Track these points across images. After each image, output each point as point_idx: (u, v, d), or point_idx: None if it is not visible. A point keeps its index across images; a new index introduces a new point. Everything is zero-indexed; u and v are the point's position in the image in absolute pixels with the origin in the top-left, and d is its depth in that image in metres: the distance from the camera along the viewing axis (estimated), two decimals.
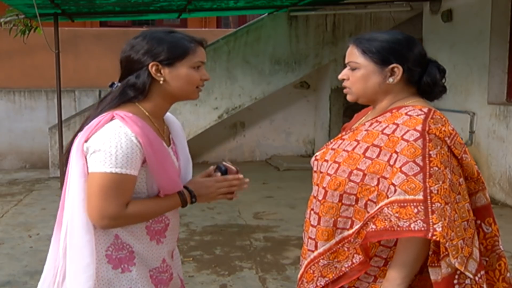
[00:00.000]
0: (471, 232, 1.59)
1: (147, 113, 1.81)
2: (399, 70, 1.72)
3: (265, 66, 8.78)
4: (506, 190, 6.40)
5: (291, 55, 8.82)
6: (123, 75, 1.83)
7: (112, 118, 1.72)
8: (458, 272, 1.56)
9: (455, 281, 1.58)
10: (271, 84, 8.87)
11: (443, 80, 1.79)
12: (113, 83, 1.86)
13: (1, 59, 9.21)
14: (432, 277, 1.60)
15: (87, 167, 1.71)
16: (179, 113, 8.56)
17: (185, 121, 8.62)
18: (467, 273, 1.55)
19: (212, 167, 2.04)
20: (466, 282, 1.58)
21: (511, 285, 1.74)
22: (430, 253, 1.60)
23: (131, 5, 7.25)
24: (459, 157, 1.66)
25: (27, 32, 7.84)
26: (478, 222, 1.71)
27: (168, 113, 2.03)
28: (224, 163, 2.05)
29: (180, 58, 1.79)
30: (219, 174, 1.99)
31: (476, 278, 1.57)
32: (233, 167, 2.02)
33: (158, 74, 1.78)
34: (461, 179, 1.65)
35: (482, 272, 1.61)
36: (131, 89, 1.79)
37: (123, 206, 1.71)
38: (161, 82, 1.79)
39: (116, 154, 1.67)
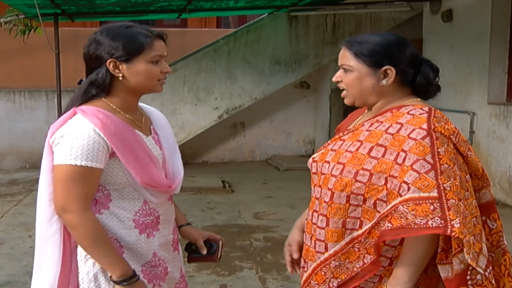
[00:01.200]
0: (479, 228, 1.61)
1: (114, 107, 1.82)
2: (392, 72, 1.74)
3: (265, 66, 8.78)
4: (506, 190, 6.40)
5: (291, 55, 8.81)
6: (87, 71, 1.84)
7: (74, 114, 1.76)
8: (470, 268, 1.57)
9: (468, 277, 1.59)
10: (271, 84, 8.87)
11: (437, 79, 1.80)
12: (81, 80, 1.87)
13: (1, 59, 9.21)
14: (442, 274, 1.61)
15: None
16: (179, 113, 8.57)
17: (185, 121, 8.63)
18: (478, 269, 1.56)
19: (205, 235, 2.09)
20: (478, 277, 1.59)
21: None
22: (439, 250, 1.61)
23: (131, 5, 7.25)
24: (464, 155, 1.68)
25: (27, 32, 7.85)
26: (484, 218, 1.72)
27: (149, 106, 2.05)
28: (220, 241, 2.10)
29: (137, 53, 1.78)
30: (204, 251, 2.05)
31: (486, 274, 1.58)
32: (218, 255, 2.07)
33: (116, 71, 1.78)
34: (468, 176, 1.66)
35: (491, 268, 1.62)
36: (92, 86, 1.80)
37: (82, 201, 1.71)
38: (120, 78, 1.79)
39: (72, 146, 1.69)
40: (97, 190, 1.79)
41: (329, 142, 1.91)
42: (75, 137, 1.70)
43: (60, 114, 6.98)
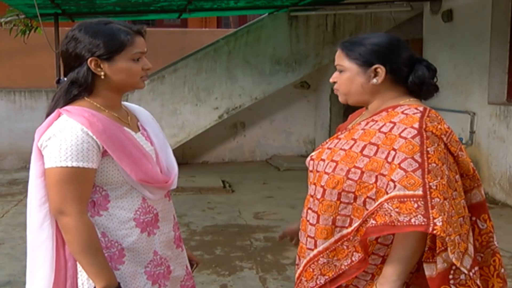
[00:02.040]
0: (466, 228, 1.62)
1: (98, 105, 1.78)
2: (382, 70, 1.76)
3: (265, 66, 8.78)
4: (507, 190, 6.40)
5: (292, 55, 8.81)
6: (65, 69, 1.81)
7: (59, 115, 1.72)
8: (454, 267, 1.58)
9: (450, 276, 1.60)
10: (272, 84, 8.86)
11: (435, 79, 1.81)
12: (59, 79, 1.83)
13: (2, 59, 9.22)
14: (427, 273, 1.62)
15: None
16: (179, 113, 8.57)
17: (185, 121, 8.63)
18: (462, 269, 1.56)
19: None
20: (461, 277, 1.60)
21: (505, 281, 1.76)
22: (426, 249, 1.62)
23: (132, 5, 7.25)
24: (455, 155, 1.69)
25: (28, 32, 7.86)
26: (474, 218, 1.73)
27: (133, 104, 2.02)
28: (195, 264, 2.18)
29: (118, 51, 1.74)
30: None
31: (471, 274, 1.59)
32: None
33: (98, 69, 1.75)
34: (457, 176, 1.67)
35: (476, 268, 1.62)
36: (74, 86, 1.76)
37: (79, 201, 1.68)
38: (102, 77, 1.76)
39: (60, 147, 1.65)
40: (94, 192, 1.75)
41: (327, 140, 1.93)
42: (63, 138, 1.66)
43: None
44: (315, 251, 1.78)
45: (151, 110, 2.08)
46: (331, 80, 1.87)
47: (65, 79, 1.80)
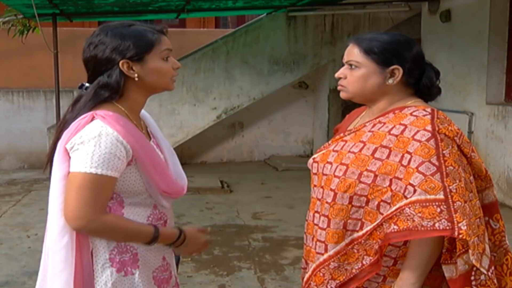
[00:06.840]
0: (482, 229, 1.61)
1: (125, 111, 1.75)
2: (399, 71, 1.73)
3: (263, 66, 8.78)
4: (505, 190, 6.41)
5: (290, 55, 8.82)
6: (92, 75, 1.76)
7: (92, 119, 1.68)
8: (475, 268, 1.58)
9: (472, 277, 1.59)
10: (270, 84, 8.87)
11: (438, 82, 1.80)
12: (82, 85, 1.79)
13: (0, 60, 9.20)
14: (447, 274, 1.61)
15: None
16: (177, 113, 8.56)
17: (184, 121, 8.63)
18: (481, 269, 1.56)
19: None
20: (481, 278, 1.60)
21: None
22: (444, 251, 1.61)
23: (130, 5, 7.25)
24: (468, 156, 1.68)
25: (26, 32, 7.85)
26: (486, 218, 1.73)
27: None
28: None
29: (148, 51, 1.72)
30: None
31: (489, 274, 1.59)
32: None
33: (131, 71, 1.72)
34: (471, 178, 1.67)
35: (493, 268, 1.62)
36: (104, 89, 1.72)
37: (99, 209, 1.66)
38: (135, 79, 1.73)
39: (93, 154, 1.62)
40: (110, 198, 1.73)
41: (329, 142, 1.90)
42: (97, 144, 1.62)
43: (58, 114, 6.91)
44: (326, 256, 1.76)
45: (150, 110, 2.06)
46: (337, 75, 1.81)
47: (88, 84, 1.77)
